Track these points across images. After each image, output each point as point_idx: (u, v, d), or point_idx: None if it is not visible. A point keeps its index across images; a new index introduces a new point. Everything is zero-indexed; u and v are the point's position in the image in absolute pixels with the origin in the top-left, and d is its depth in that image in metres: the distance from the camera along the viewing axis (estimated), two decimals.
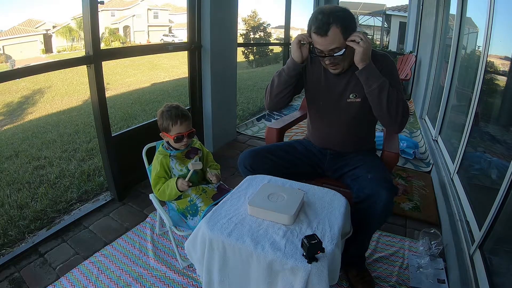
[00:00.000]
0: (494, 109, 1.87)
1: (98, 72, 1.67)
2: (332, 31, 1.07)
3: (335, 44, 1.09)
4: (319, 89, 1.31)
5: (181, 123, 1.29)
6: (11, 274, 1.37)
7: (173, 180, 1.28)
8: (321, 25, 1.07)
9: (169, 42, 17.30)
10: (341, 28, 1.07)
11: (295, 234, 0.89)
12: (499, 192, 1.18)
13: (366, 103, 1.21)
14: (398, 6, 13.46)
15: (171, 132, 1.29)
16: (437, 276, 1.36)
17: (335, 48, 1.10)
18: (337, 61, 1.16)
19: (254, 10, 18.98)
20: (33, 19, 20.56)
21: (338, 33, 1.07)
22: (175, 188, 1.25)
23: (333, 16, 1.06)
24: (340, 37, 1.08)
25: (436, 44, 3.56)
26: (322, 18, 1.07)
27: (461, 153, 1.90)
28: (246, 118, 3.87)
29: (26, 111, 7.16)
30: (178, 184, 1.25)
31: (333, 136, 1.33)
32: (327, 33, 1.07)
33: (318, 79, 1.30)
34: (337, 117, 1.30)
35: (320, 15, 1.08)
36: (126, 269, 1.40)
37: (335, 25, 1.06)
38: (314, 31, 1.09)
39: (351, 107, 1.26)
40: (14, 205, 2.01)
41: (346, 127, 1.30)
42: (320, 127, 1.38)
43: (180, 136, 1.30)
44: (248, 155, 1.30)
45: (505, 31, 1.69)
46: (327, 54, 1.12)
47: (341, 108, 1.28)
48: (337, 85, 1.26)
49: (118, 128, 4.03)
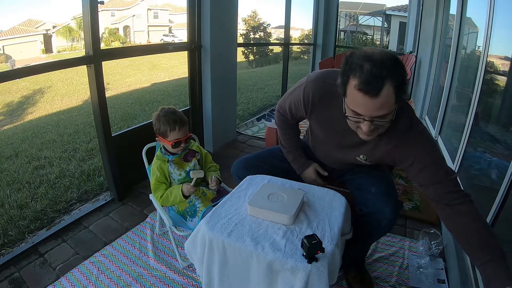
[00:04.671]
0: (494, 109, 1.87)
1: (98, 72, 1.67)
2: (386, 90, 0.76)
3: (385, 109, 0.80)
4: (327, 137, 1.12)
5: (179, 129, 1.28)
6: (11, 274, 1.37)
7: (177, 188, 1.27)
8: (371, 80, 0.76)
9: (169, 42, 17.30)
10: (395, 85, 0.77)
11: (295, 234, 0.89)
12: (499, 192, 1.18)
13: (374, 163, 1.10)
14: (398, 6, 13.47)
15: (168, 138, 1.28)
16: (437, 276, 1.36)
17: (381, 115, 0.81)
18: (377, 128, 0.86)
19: (254, 10, 18.96)
20: (33, 19, 20.54)
21: (391, 93, 0.77)
22: (180, 195, 1.25)
23: (387, 67, 0.76)
24: (392, 99, 0.78)
25: (436, 44, 3.56)
26: (373, 71, 0.75)
27: (461, 153, 1.90)
28: (246, 118, 3.87)
29: (26, 111, 7.16)
30: (185, 190, 1.25)
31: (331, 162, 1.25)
32: (379, 92, 0.76)
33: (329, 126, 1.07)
34: (339, 160, 1.18)
35: (368, 64, 0.76)
36: (126, 269, 1.40)
37: (390, 82, 0.76)
38: (359, 87, 0.77)
39: (357, 161, 1.10)
40: (14, 205, 2.01)
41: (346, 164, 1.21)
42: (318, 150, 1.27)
43: (178, 142, 1.29)
44: (241, 166, 1.26)
45: (505, 31, 1.69)
46: (368, 119, 0.83)
47: (346, 158, 1.13)
48: (350, 138, 1.01)
49: (118, 128, 4.03)
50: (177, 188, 1.26)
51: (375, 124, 0.84)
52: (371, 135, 0.89)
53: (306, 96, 1.05)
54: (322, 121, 1.08)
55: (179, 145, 1.30)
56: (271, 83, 7.25)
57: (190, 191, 1.25)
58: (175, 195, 1.26)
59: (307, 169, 1.22)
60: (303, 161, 1.24)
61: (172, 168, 1.32)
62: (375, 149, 1.01)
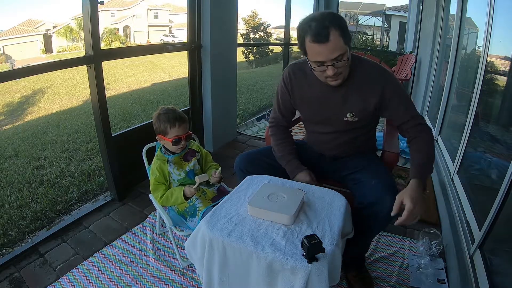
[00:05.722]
0: (494, 109, 1.87)
1: (98, 72, 1.67)
2: (333, 35, 0.96)
3: (338, 50, 0.99)
4: (312, 107, 1.23)
5: (179, 125, 1.28)
6: (11, 274, 1.37)
7: (178, 190, 1.26)
8: (319, 31, 0.96)
9: (169, 42, 17.29)
10: (339, 30, 0.97)
11: (295, 234, 0.89)
12: (499, 192, 1.18)
13: (364, 121, 1.19)
14: (398, 6, 13.46)
15: (168, 135, 1.28)
16: (437, 276, 1.36)
17: (338, 56, 1.00)
18: (340, 70, 1.05)
19: (254, 10, 18.94)
20: (33, 19, 20.56)
21: (337, 36, 0.97)
22: (181, 197, 1.24)
23: (328, 19, 0.97)
24: (341, 41, 0.98)
25: (436, 44, 3.55)
26: (318, 24, 0.97)
27: (461, 153, 1.90)
28: (246, 118, 3.87)
29: (26, 111, 7.17)
30: (187, 192, 1.24)
31: (329, 145, 1.29)
32: (328, 38, 0.96)
33: (309, 96, 1.21)
34: (333, 131, 1.24)
35: (313, 22, 0.98)
36: (126, 269, 1.40)
37: (333, 28, 0.96)
38: (311, 40, 0.98)
39: (349, 125, 1.20)
40: (14, 205, 2.01)
41: (342, 139, 1.25)
42: (315, 136, 1.33)
43: (178, 138, 1.29)
44: (244, 158, 1.28)
45: (505, 31, 1.69)
46: (329, 64, 1.01)
47: (337, 125, 1.22)
48: (332, 101, 1.17)
49: (118, 128, 4.03)
50: (178, 190, 1.26)
51: (337, 66, 1.02)
52: (338, 79, 1.08)
53: (285, 78, 1.25)
54: (303, 94, 1.23)
55: (179, 142, 1.30)
56: (271, 83, 7.25)
57: (192, 194, 1.25)
58: (176, 197, 1.26)
59: (301, 172, 1.22)
60: (297, 164, 1.25)
61: (171, 168, 1.32)
62: (350, 98, 1.15)
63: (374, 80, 1.12)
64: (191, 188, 1.23)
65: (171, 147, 1.31)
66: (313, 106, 1.23)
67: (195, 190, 1.24)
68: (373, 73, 1.13)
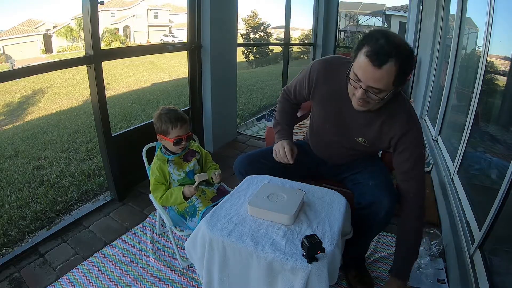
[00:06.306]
0: (494, 109, 1.87)
1: (98, 72, 1.67)
2: (388, 67, 0.85)
3: (381, 84, 0.89)
4: (330, 111, 1.16)
5: (180, 126, 1.28)
6: (11, 274, 1.37)
7: (177, 190, 1.26)
8: (379, 52, 0.85)
9: (169, 42, 17.30)
10: (398, 69, 0.86)
11: (295, 234, 0.89)
12: (499, 192, 1.18)
13: (373, 148, 1.17)
14: (398, 6, 13.47)
15: (170, 135, 1.28)
16: (437, 276, 1.36)
17: (377, 88, 0.90)
18: (369, 100, 0.95)
19: (254, 10, 19.01)
20: (33, 19, 20.55)
21: (391, 72, 0.86)
22: (181, 197, 1.25)
23: (396, 50, 0.85)
24: (390, 78, 0.87)
25: (436, 44, 3.55)
26: (384, 46, 0.85)
27: (461, 153, 1.90)
28: (246, 118, 3.87)
29: (26, 111, 7.17)
30: (186, 192, 1.24)
31: (332, 154, 1.28)
32: (381, 66, 0.85)
33: (330, 94, 1.13)
34: (338, 143, 1.21)
35: (383, 40, 0.85)
36: (126, 269, 1.40)
37: (394, 62, 0.85)
38: (367, 53, 0.87)
39: (357, 144, 1.16)
40: (14, 205, 2.01)
41: (346, 152, 1.24)
42: (320, 143, 1.31)
43: (179, 139, 1.29)
44: (244, 161, 1.27)
45: (505, 31, 1.69)
46: (364, 87, 0.91)
47: (346, 141, 1.18)
48: (352, 118, 1.10)
49: (118, 128, 4.03)
50: (178, 190, 1.26)
51: (368, 95, 0.93)
52: (363, 106, 0.98)
53: (311, 74, 1.15)
54: (323, 94, 1.15)
55: (180, 142, 1.30)
56: (271, 83, 7.25)
57: (191, 193, 1.25)
58: (176, 197, 1.26)
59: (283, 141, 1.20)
60: (286, 134, 1.24)
61: (171, 168, 1.32)
62: (370, 126, 1.08)
63: (398, 124, 1.03)
64: (191, 188, 1.23)
65: (172, 147, 1.31)
66: (329, 110, 1.16)
67: (195, 190, 1.24)
68: (401, 118, 1.03)
